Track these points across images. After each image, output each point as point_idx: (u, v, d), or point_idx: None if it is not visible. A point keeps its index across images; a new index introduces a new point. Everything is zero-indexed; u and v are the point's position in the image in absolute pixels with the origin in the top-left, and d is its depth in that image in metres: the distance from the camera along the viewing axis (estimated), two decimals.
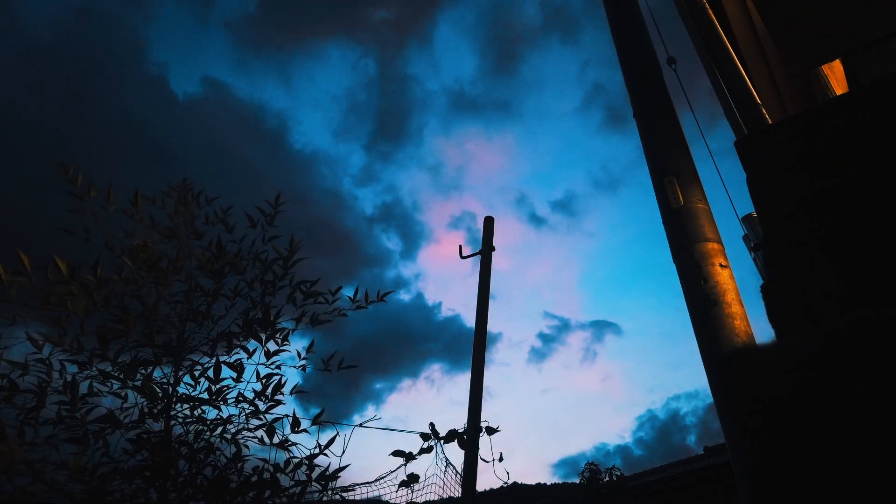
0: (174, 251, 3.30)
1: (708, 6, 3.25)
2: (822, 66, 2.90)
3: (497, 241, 5.49)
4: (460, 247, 5.69)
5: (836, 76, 3.09)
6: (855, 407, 1.38)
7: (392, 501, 3.92)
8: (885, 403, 1.33)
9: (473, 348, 4.86)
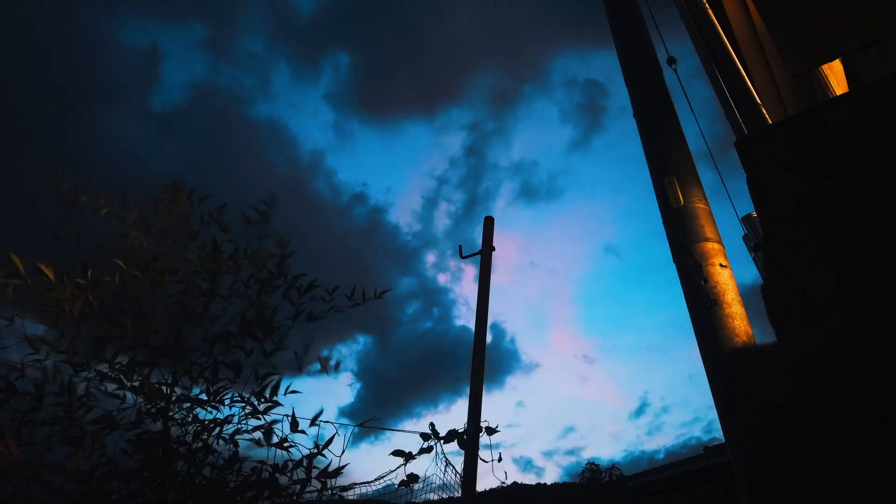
0: (169, 252, 3.29)
1: (708, 6, 3.24)
2: (822, 66, 2.90)
3: None
4: (460, 247, 5.68)
5: (836, 76, 3.09)
6: (855, 407, 1.38)
7: (392, 501, 3.92)
8: (884, 403, 1.32)
9: (473, 348, 4.86)
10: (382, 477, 3.80)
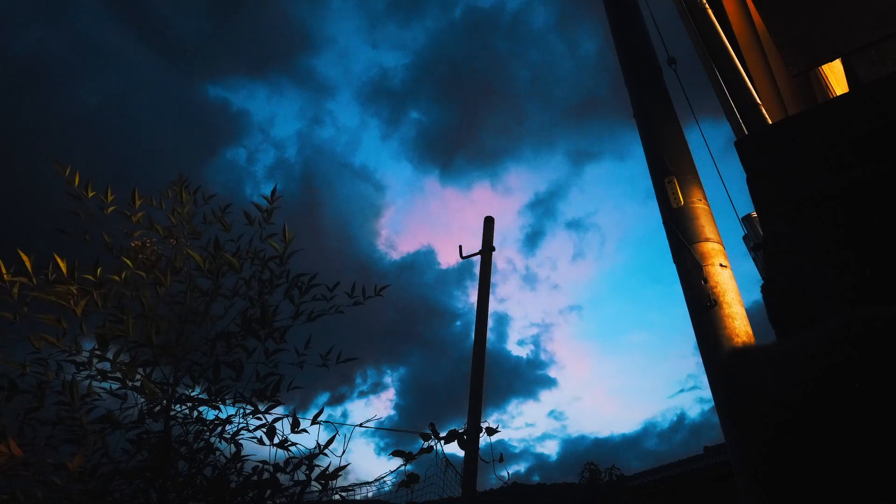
0: (172, 251, 3.30)
1: (708, 7, 3.25)
2: (822, 66, 2.90)
3: None
4: (460, 247, 5.69)
5: (836, 76, 3.09)
6: (855, 407, 1.38)
7: (392, 501, 3.92)
8: (886, 404, 1.33)
9: (473, 349, 4.86)
10: (382, 477, 3.81)
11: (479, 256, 5.48)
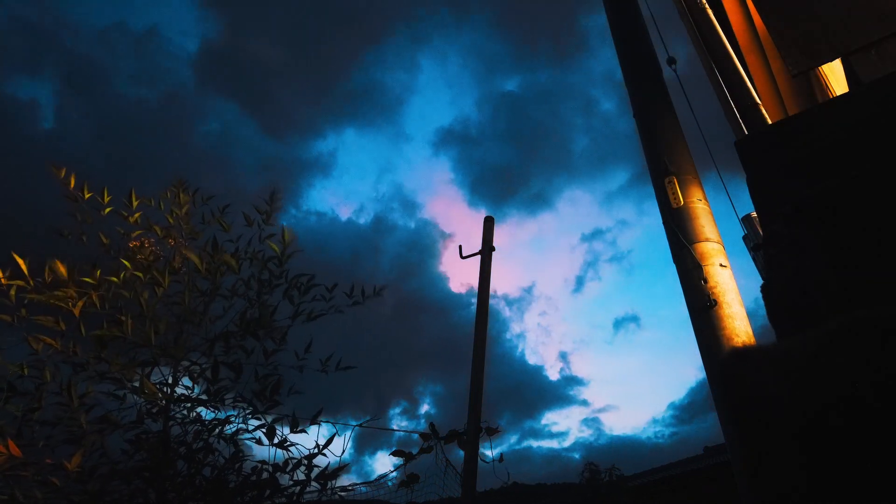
0: (171, 251, 3.29)
1: (708, 7, 3.24)
2: (822, 66, 2.90)
3: None
4: (460, 247, 5.68)
5: (836, 76, 3.09)
6: (855, 407, 1.38)
7: (392, 501, 3.91)
8: (885, 403, 1.32)
9: (474, 349, 4.86)
10: (382, 477, 3.80)
11: (479, 257, 5.48)
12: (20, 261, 2.61)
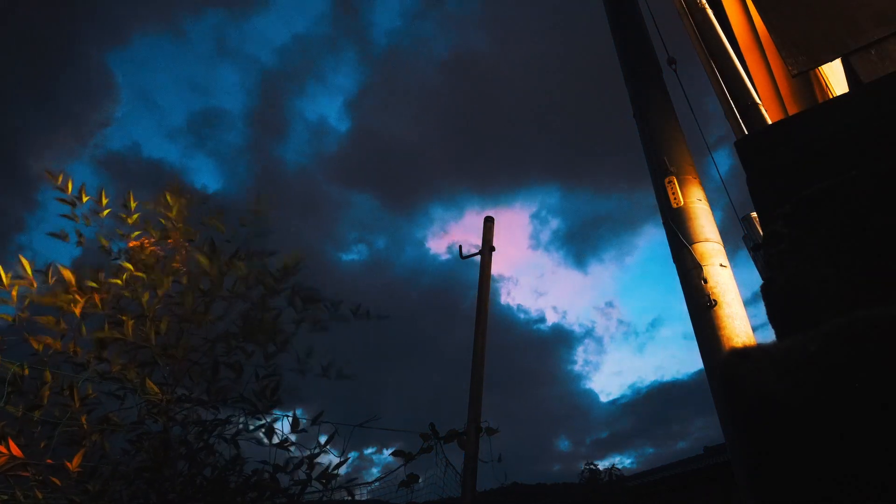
0: (171, 253, 3.30)
1: (707, 7, 3.24)
2: (822, 66, 2.90)
3: None
4: (460, 247, 5.69)
5: (836, 76, 3.09)
6: (855, 407, 1.38)
7: (392, 501, 3.92)
8: (885, 403, 1.33)
9: (474, 349, 4.86)
10: (382, 478, 3.81)
11: (479, 257, 5.48)
12: (25, 262, 2.64)
